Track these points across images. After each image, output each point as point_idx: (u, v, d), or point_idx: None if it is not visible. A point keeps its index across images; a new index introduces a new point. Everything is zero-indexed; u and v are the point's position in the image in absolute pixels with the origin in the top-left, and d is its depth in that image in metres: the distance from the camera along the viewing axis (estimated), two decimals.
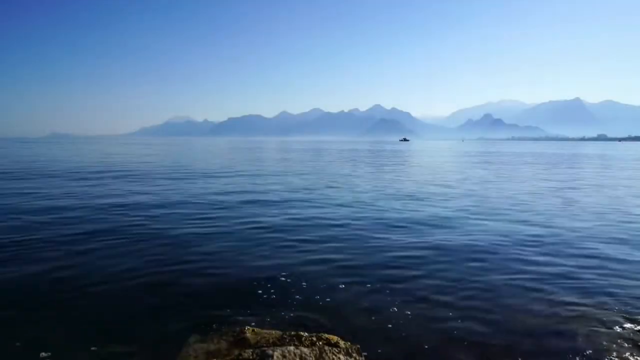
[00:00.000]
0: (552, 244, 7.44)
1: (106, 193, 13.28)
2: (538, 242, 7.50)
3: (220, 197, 12.56)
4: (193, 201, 11.80)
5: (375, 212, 10.41)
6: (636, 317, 4.44)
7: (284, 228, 8.45)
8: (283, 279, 5.48)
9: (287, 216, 9.69)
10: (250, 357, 3.03)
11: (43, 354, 3.59)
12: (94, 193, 13.14)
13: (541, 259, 6.51)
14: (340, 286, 5.26)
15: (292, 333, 3.54)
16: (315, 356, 3.07)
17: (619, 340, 3.93)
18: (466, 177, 20.57)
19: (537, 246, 7.25)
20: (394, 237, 7.83)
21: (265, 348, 3.15)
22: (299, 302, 4.76)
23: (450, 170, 25.73)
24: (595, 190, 15.47)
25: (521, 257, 6.62)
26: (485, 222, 9.22)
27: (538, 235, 8.04)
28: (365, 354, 3.43)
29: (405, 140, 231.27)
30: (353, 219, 9.40)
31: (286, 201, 12.05)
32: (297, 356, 3.03)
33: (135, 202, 11.42)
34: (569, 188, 15.96)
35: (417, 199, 12.74)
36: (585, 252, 6.93)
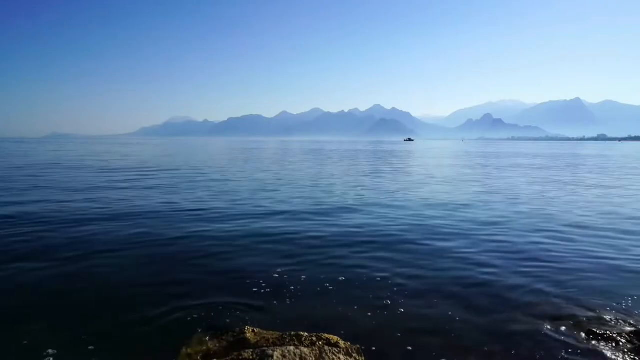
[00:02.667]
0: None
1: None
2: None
3: None
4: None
5: (369, 212, 10.42)
6: None
7: (283, 226, 8.46)
8: (283, 278, 5.48)
9: (283, 210, 9.69)
10: (250, 357, 3.03)
11: (43, 352, 3.60)
12: None
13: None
14: (341, 286, 5.26)
15: (292, 333, 3.54)
16: (315, 356, 3.07)
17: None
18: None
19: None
20: (396, 236, 7.83)
21: (265, 348, 3.15)
22: (299, 302, 4.76)
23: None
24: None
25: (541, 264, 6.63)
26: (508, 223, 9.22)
27: None
28: (365, 352, 3.43)
29: (410, 140, 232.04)
30: (349, 218, 9.41)
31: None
32: (297, 356, 3.03)
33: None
34: None
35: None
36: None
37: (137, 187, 15.04)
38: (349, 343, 3.43)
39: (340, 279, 5.51)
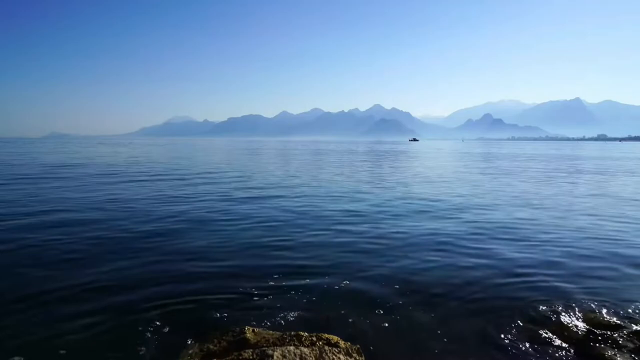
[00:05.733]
0: None
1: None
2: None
3: None
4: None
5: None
6: None
7: (283, 226, 8.46)
8: (283, 278, 5.48)
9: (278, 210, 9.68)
10: (250, 357, 3.03)
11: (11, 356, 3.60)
12: None
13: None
14: (341, 286, 5.25)
15: (292, 333, 3.54)
16: (315, 356, 3.07)
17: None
18: None
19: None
20: (395, 237, 7.84)
21: (265, 348, 3.15)
22: (299, 302, 4.76)
23: None
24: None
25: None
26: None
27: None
28: (365, 352, 3.43)
29: (415, 140, 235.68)
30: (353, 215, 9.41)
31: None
32: (297, 356, 3.03)
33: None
34: None
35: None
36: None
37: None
38: (349, 343, 3.43)
39: (342, 279, 5.51)
